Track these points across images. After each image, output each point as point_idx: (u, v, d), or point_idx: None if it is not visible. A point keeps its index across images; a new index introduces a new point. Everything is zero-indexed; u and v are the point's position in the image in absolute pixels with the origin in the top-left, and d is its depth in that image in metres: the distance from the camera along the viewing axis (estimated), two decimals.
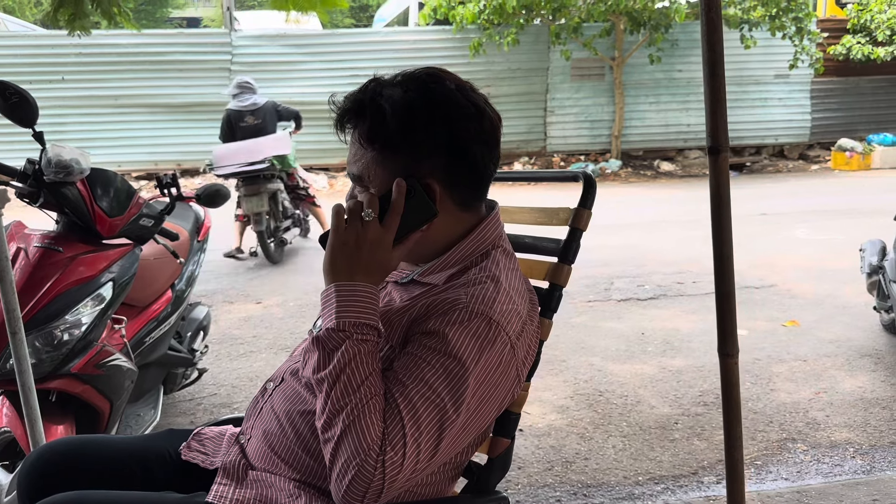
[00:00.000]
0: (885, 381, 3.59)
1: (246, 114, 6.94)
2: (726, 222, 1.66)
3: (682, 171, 13.05)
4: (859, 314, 4.56)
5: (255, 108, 6.96)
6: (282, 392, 1.38)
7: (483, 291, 1.21)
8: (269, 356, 4.10)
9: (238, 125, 6.89)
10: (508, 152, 12.65)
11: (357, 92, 1.25)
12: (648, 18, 11.84)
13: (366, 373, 1.14)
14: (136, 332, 2.71)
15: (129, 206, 2.56)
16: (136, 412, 2.82)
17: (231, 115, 6.96)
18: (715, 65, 1.60)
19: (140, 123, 11.86)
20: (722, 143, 1.63)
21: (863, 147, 12.82)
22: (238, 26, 12.96)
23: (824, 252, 6.32)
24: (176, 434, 1.56)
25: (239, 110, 6.95)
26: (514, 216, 1.67)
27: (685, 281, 5.51)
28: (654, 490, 2.68)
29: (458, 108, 1.23)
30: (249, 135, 6.81)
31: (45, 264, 2.34)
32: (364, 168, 1.25)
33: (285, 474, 1.31)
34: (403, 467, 1.10)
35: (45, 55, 11.69)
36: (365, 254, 1.19)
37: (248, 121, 6.93)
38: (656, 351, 4.08)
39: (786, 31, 12.03)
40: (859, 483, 2.67)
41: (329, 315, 1.18)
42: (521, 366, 1.25)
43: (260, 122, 6.93)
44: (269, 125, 6.99)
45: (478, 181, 1.28)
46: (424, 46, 12.56)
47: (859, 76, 13.61)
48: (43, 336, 2.27)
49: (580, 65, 12.84)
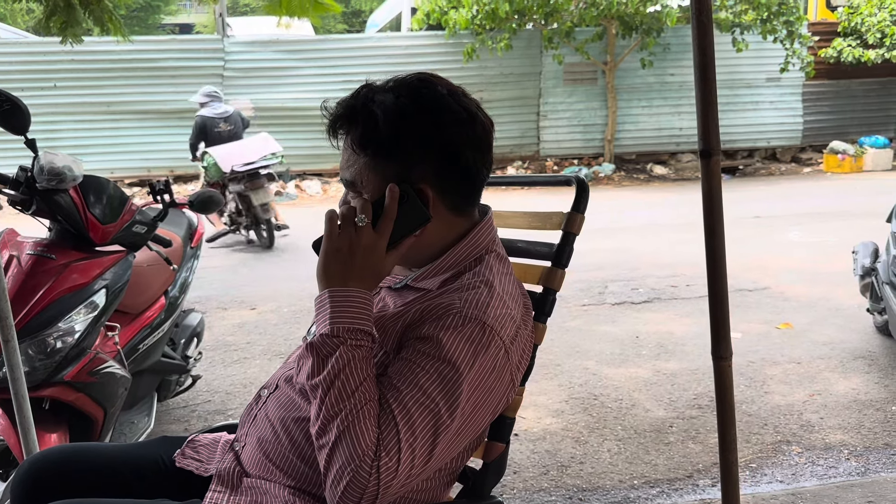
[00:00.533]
0: (878, 383, 3.60)
1: (219, 121, 7.76)
2: (719, 225, 1.66)
3: (674, 175, 13.08)
4: (852, 316, 4.57)
5: (227, 116, 7.83)
6: (276, 399, 1.38)
7: (477, 296, 1.22)
8: (263, 362, 4.09)
9: (213, 131, 7.68)
10: (502, 157, 12.66)
11: (349, 98, 1.25)
12: (640, 23, 11.87)
13: (360, 378, 1.14)
14: (129, 340, 2.71)
15: (121, 213, 2.55)
16: (130, 420, 2.81)
17: (206, 122, 7.73)
18: (706, 68, 1.60)
19: (133, 130, 11.83)
20: (714, 147, 1.63)
21: (854, 149, 12.87)
22: (231, 32, 12.96)
23: (817, 254, 6.34)
24: (170, 441, 1.55)
25: (213, 118, 7.74)
26: (507, 220, 1.67)
27: (679, 284, 5.52)
28: (650, 494, 2.68)
29: (449, 113, 1.23)
30: (223, 140, 7.61)
31: (38, 272, 2.34)
32: (357, 174, 1.25)
33: (280, 481, 1.30)
34: (398, 473, 1.10)
35: (38, 62, 11.65)
36: (358, 259, 1.19)
37: (223, 127, 7.75)
38: (650, 354, 4.09)
39: (777, 35, 12.08)
40: (854, 485, 2.68)
41: (323, 321, 1.18)
42: (515, 370, 1.25)
43: (232, 129, 7.79)
44: (239, 131, 7.88)
45: (470, 186, 1.29)
46: (417, 52, 12.56)
47: (850, 79, 13.66)
48: (36, 344, 2.26)
49: (573, 69, 12.87)
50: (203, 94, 7.95)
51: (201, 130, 7.72)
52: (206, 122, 7.73)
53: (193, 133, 7.84)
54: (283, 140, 12.26)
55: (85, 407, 2.38)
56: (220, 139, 7.63)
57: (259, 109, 12.29)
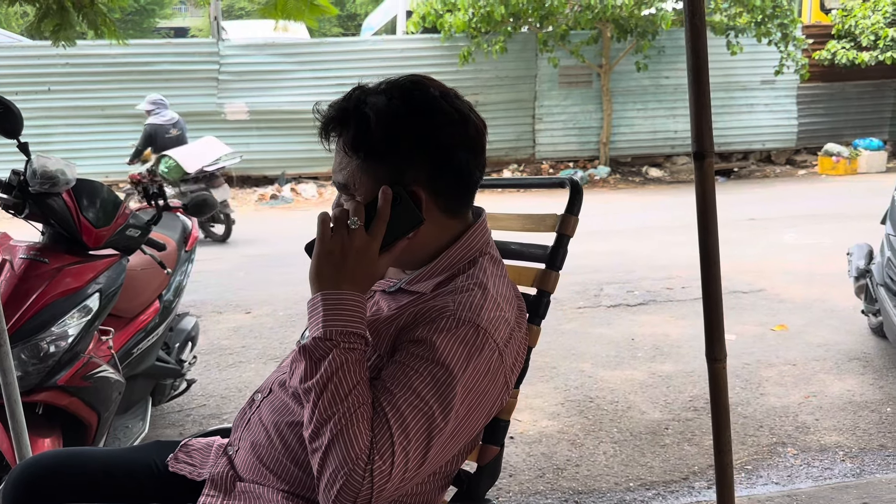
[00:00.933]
0: (873, 384, 3.60)
1: (169, 127, 8.34)
2: (712, 227, 1.66)
3: (670, 178, 13.11)
4: (847, 318, 4.58)
5: (174, 122, 8.43)
6: (270, 403, 1.37)
7: (470, 299, 1.21)
8: (258, 366, 4.08)
9: (164, 137, 8.25)
10: (497, 160, 12.68)
11: (341, 100, 1.25)
12: (635, 26, 11.90)
13: (353, 382, 1.14)
14: (123, 344, 2.70)
15: (115, 217, 2.54)
16: (125, 424, 2.80)
17: (156, 129, 8.30)
18: (699, 71, 1.60)
19: (127, 134, 11.77)
20: (707, 149, 1.63)
21: (849, 151, 12.91)
22: (226, 36, 12.96)
23: (812, 256, 6.35)
24: (163, 446, 1.54)
25: (163, 125, 8.33)
26: (501, 223, 1.67)
27: (674, 286, 5.53)
28: (646, 496, 2.68)
29: (442, 114, 1.23)
30: (173, 145, 8.20)
31: (31, 276, 2.33)
32: (349, 176, 1.24)
33: (274, 485, 1.30)
34: (392, 476, 1.10)
35: (32, 66, 11.65)
36: (351, 262, 1.19)
37: (172, 133, 8.34)
38: (646, 356, 4.09)
39: (771, 38, 12.13)
40: (849, 486, 2.68)
41: (316, 324, 1.17)
42: (509, 373, 1.25)
43: (180, 134, 8.40)
44: (184, 136, 8.47)
45: (464, 188, 1.28)
46: (412, 55, 12.58)
47: (844, 81, 13.72)
48: (29, 348, 2.25)
49: (568, 72, 12.90)
50: (149, 102, 8.44)
51: (151, 137, 8.30)
52: (157, 129, 8.29)
53: (142, 140, 8.38)
54: (279, 143, 12.35)
55: (78, 411, 2.37)
56: (170, 144, 8.20)
57: (254, 113, 12.31)
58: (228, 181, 8.78)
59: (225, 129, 12.16)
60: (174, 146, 8.16)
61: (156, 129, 8.30)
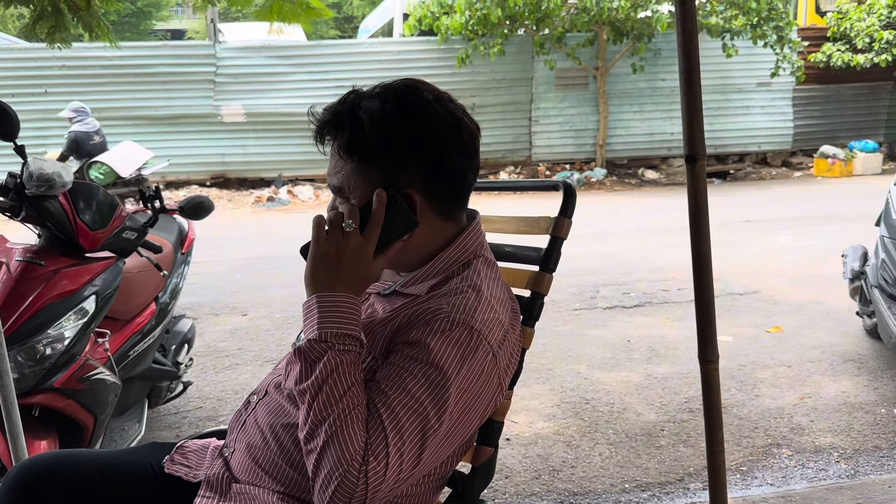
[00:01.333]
0: (868, 386, 3.61)
1: (93, 134, 8.66)
2: (705, 230, 1.67)
3: (666, 180, 13.13)
4: (842, 319, 4.59)
5: (97, 129, 8.75)
6: (265, 405, 1.38)
7: (464, 301, 1.22)
8: (254, 368, 4.08)
9: (88, 144, 8.56)
10: (494, 162, 12.69)
11: (336, 104, 1.26)
12: (631, 28, 11.93)
13: (348, 383, 1.14)
14: (119, 346, 2.70)
15: (111, 219, 2.55)
16: (121, 426, 2.81)
17: (80, 136, 8.58)
18: (691, 74, 1.61)
19: (124, 136, 11.75)
20: (699, 152, 1.64)
21: (845, 154, 12.94)
22: (223, 38, 12.97)
23: (807, 258, 6.37)
24: (159, 447, 1.55)
25: (87, 132, 8.64)
26: (495, 225, 1.68)
27: (670, 288, 5.54)
28: (641, 497, 2.69)
29: (436, 118, 1.24)
30: (97, 152, 8.54)
31: (28, 278, 2.33)
32: (344, 179, 1.25)
33: (269, 487, 1.31)
34: (386, 477, 1.10)
35: (28, 68, 11.63)
36: (346, 264, 1.19)
37: (96, 139, 8.66)
38: (642, 358, 4.10)
39: (767, 40, 12.15)
40: (843, 487, 2.69)
41: (311, 326, 1.18)
42: (503, 374, 1.26)
43: (102, 141, 8.73)
44: (105, 142, 8.81)
45: (458, 191, 1.29)
46: (409, 57, 12.59)
47: (840, 83, 13.76)
48: (25, 350, 2.25)
49: (564, 74, 12.92)
50: (71, 110, 8.71)
51: (76, 144, 8.56)
52: (81, 136, 8.58)
53: (67, 147, 8.60)
54: (275, 145, 12.35)
55: (75, 414, 2.37)
56: (95, 151, 8.56)
57: (251, 115, 12.30)
58: (225, 183, 8.89)
59: (221, 132, 12.18)
60: (99, 153, 8.53)
61: (81, 136, 8.58)
